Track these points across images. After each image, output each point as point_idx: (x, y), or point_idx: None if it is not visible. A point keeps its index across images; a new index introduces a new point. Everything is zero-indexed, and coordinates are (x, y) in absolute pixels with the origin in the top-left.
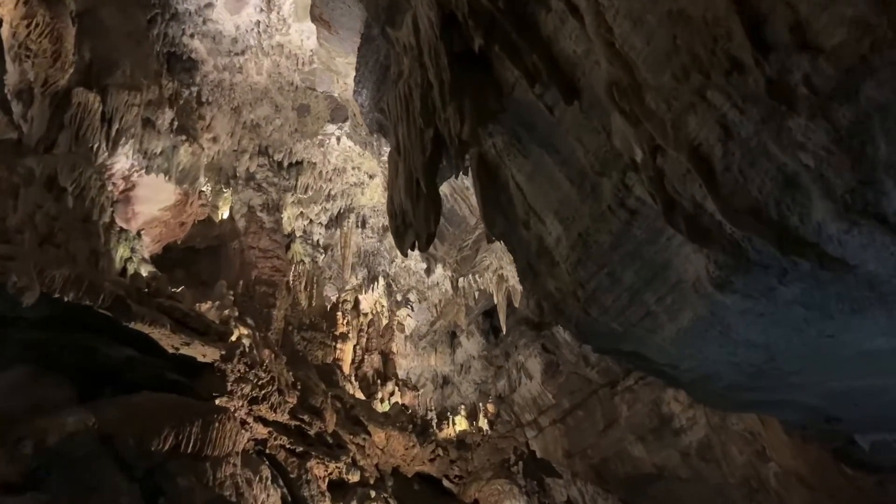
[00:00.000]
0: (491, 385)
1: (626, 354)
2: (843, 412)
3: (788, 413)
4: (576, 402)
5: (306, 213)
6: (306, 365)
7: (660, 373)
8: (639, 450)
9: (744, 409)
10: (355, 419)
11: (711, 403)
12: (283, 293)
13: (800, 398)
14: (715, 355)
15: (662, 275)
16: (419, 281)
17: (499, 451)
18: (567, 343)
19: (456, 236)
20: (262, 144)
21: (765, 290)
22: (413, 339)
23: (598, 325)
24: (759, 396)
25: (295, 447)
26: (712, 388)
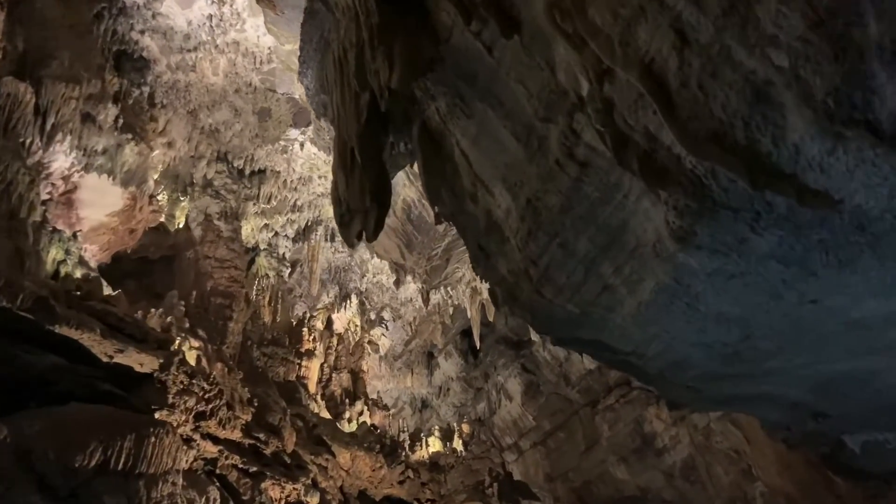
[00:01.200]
0: (470, 408)
1: (587, 344)
2: (830, 405)
3: (770, 411)
4: (557, 423)
5: (271, 225)
6: (265, 381)
7: (626, 364)
8: (621, 471)
9: (721, 407)
10: (318, 439)
11: (686, 400)
12: (242, 305)
13: (782, 391)
14: (683, 334)
15: (619, 240)
16: (393, 298)
17: (473, 472)
18: (547, 362)
19: (425, 244)
20: (220, 150)
21: (735, 243)
22: (388, 360)
23: (554, 308)
24: (737, 389)
25: (248, 467)
26: (683, 379)
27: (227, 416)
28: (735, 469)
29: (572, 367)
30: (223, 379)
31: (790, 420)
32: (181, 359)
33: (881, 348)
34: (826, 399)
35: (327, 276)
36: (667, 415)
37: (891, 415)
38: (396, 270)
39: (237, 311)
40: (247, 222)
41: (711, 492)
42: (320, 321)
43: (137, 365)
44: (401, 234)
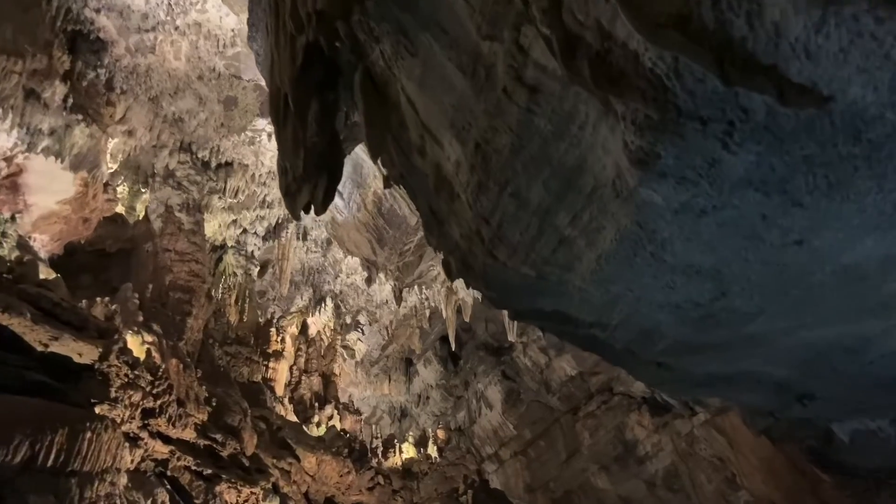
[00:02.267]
0: (451, 416)
1: (548, 317)
2: (816, 384)
3: (752, 394)
4: (537, 432)
5: (239, 221)
6: (227, 381)
7: (590, 340)
8: (603, 481)
9: (699, 391)
10: (282, 442)
11: (659, 382)
12: (203, 301)
13: (764, 368)
14: (649, 293)
15: (576, 183)
16: (368, 300)
17: (447, 479)
18: (528, 369)
19: (396, 239)
20: (184, 140)
21: (704, 167)
22: (364, 366)
23: (508, 273)
24: (714, 366)
25: (203, 469)
26: (653, 353)
27: (178, 413)
28: (719, 477)
29: (553, 373)
30: (178, 376)
31: (774, 404)
32: (121, 348)
33: (875, 307)
34: (812, 376)
35: (301, 277)
36: (649, 421)
37: (885, 394)
38: (368, 268)
39: (197, 307)
40: (213, 218)
41: (695, 501)
42: (294, 325)
43: (76, 355)
44: (371, 228)
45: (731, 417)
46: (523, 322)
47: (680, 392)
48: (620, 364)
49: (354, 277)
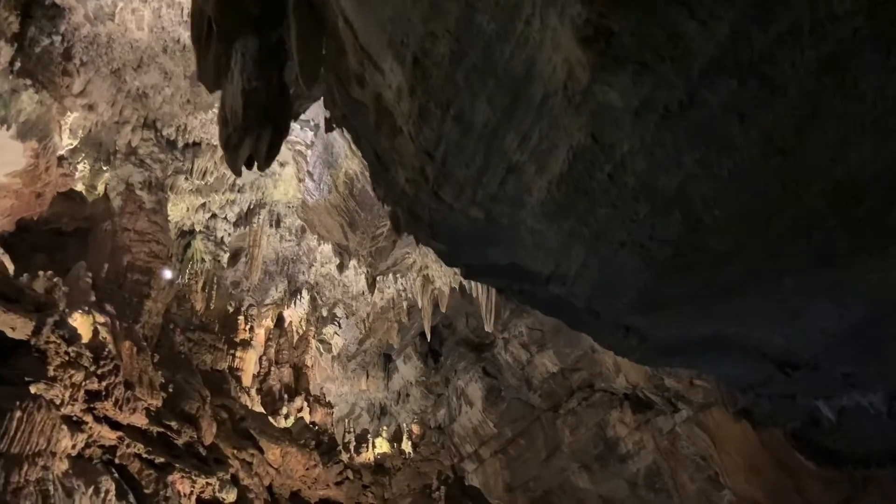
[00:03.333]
0: (431, 415)
1: (504, 273)
2: (802, 351)
3: (730, 364)
4: (518, 430)
5: (208, 205)
6: (188, 368)
7: (551, 301)
8: (583, 480)
9: (673, 361)
10: (244, 432)
11: (628, 350)
12: (163, 284)
13: (742, 329)
14: (608, 229)
15: (524, 94)
16: (345, 292)
17: (421, 475)
18: (509, 365)
19: (369, 222)
20: (148, 117)
21: (668, 46)
22: (341, 361)
23: (456, 217)
24: (688, 328)
25: (154, 457)
26: (617, 311)
27: (126, 396)
28: (701, 476)
29: (535, 370)
30: (131, 359)
31: (754, 376)
32: (57, 321)
33: (875, 241)
34: (797, 339)
35: (275, 267)
36: (631, 418)
37: (879, 361)
38: (340, 253)
39: (157, 290)
40: (180, 200)
41: (677, 501)
42: (269, 318)
43: (8, 329)
44: (343, 211)
45: (715, 414)
46: (478, 280)
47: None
48: (586, 329)
49: (329, 267)
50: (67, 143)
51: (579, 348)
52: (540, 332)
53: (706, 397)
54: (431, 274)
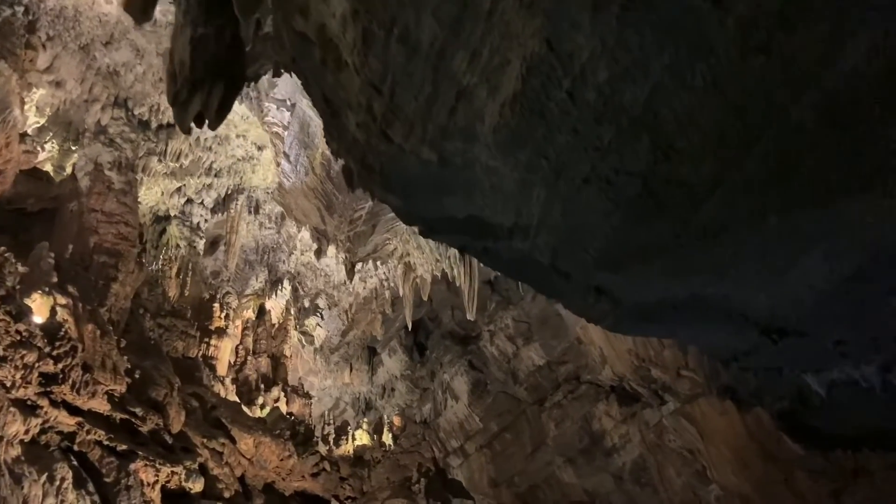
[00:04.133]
0: (416, 409)
1: (463, 229)
2: (790, 313)
3: (710, 332)
4: (504, 424)
5: (184, 190)
6: (157, 354)
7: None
8: (568, 474)
9: (650, 328)
10: (215, 421)
11: (600, 316)
12: (131, 267)
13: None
14: (570, 162)
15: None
16: (327, 282)
17: (401, 468)
18: (495, 358)
19: (346, 205)
20: (119, 95)
21: None
22: (324, 353)
23: (407, 160)
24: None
25: (116, 444)
26: (588, 270)
27: (85, 380)
28: (689, 470)
29: (521, 363)
30: (93, 342)
31: (737, 345)
32: (2, 296)
33: (878, 170)
34: (784, 299)
35: (255, 256)
36: (617, 411)
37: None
38: (318, 239)
39: (124, 273)
40: (154, 184)
41: (663, 496)
42: (251, 309)
43: None
44: (320, 194)
45: (702, 405)
46: (438, 238)
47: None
48: (556, 294)
49: (310, 255)
50: (34, 122)
51: (566, 340)
52: (526, 324)
53: (693, 389)
54: (413, 261)
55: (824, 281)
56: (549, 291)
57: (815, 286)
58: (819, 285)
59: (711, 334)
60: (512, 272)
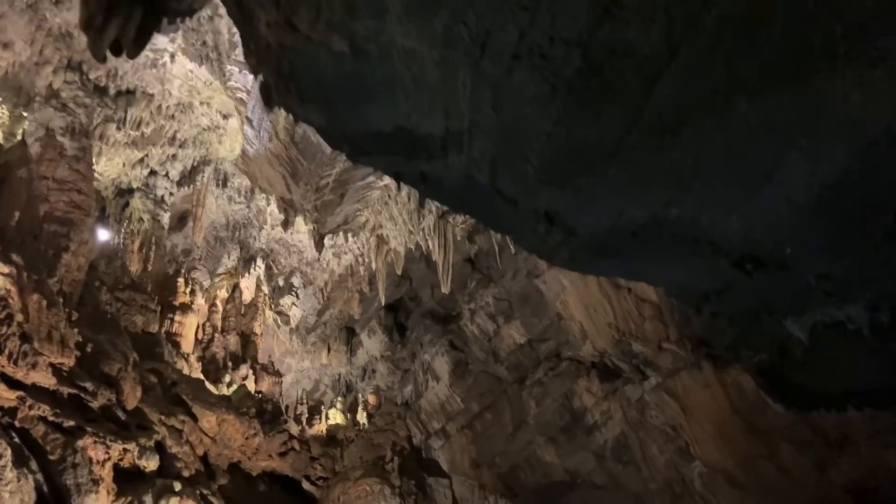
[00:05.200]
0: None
1: (393, 145)
2: (764, 234)
3: (678, 267)
4: (485, 404)
5: (147, 161)
6: (114, 329)
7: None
8: (549, 454)
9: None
10: (175, 398)
11: (554, 251)
12: (85, 237)
13: (688, 209)
14: (494, 30)
15: None
16: (301, 259)
17: (375, 447)
18: (476, 337)
19: (312, 172)
20: (73, 58)
21: None
22: (300, 333)
23: (317, 53)
24: (618, 212)
25: (62, 421)
26: (530, 185)
27: (23, 350)
28: (671, 447)
29: (502, 341)
30: (38, 313)
31: (709, 282)
32: None
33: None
34: (756, 216)
35: (226, 233)
36: (598, 387)
37: (858, 249)
38: (285, 209)
39: (77, 243)
40: (115, 154)
41: (646, 474)
42: (224, 289)
43: None
44: (285, 161)
45: (683, 379)
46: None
47: (584, 265)
48: (506, 226)
49: (280, 230)
50: None
51: (546, 317)
52: (507, 301)
53: (675, 363)
54: (386, 234)
55: (804, 192)
56: (499, 223)
57: (793, 199)
58: (798, 198)
59: (679, 270)
60: (456, 202)
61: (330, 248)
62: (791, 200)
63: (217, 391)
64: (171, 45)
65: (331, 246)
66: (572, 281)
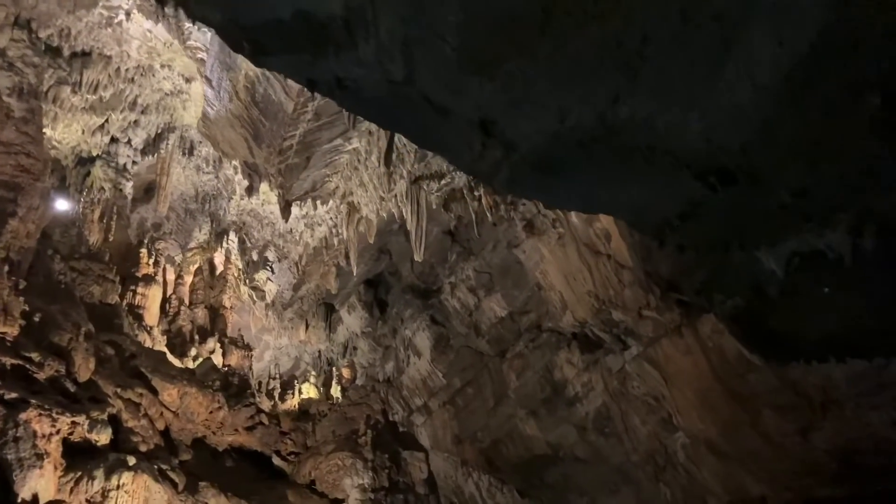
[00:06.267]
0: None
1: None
2: (729, 135)
3: (634, 186)
4: (467, 379)
5: (107, 127)
6: (68, 299)
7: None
8: (531, 427)
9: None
10: (134, 370)
11: (492, 171)
12: (35, 202)
13: (640, 106)
14: None
15: None
16: (273, 232)
17: (348, 420)
18: (457, 312)
19: (274, 133)
20: (20, 15)
21: None
22: (276, 309)
23: None
24: (561, 106)
25: (3, 393)
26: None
27: None
28: (654, 418)
29: (483, 315)
30: None
31: (669, 204)
32: None
33: None
34: (719, 113)
35: (196, 205)
36: (579, 358)
37: (837, 149)
38: (249, 175)
39: (25, 209)
40: (73, 120)
41: (628, 446)
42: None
43: None
44: (247, 122)
45: (665, 346)
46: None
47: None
48: (438, 143)
49: (251, 200)
50: None
51: (527, 289)
52: (488, 274)
53: (656, 330)
54: (356, 200)
55: (770, 69)
56: (431, 140)
57: (758, 82)
58: (763, 78)
59: (634, 191)
60: (382, 116)
61: (302, 218)
62: (756, 84)
63: (182, 365)
64: (126, 2)
65: (303, 216)
66: (551, 249)
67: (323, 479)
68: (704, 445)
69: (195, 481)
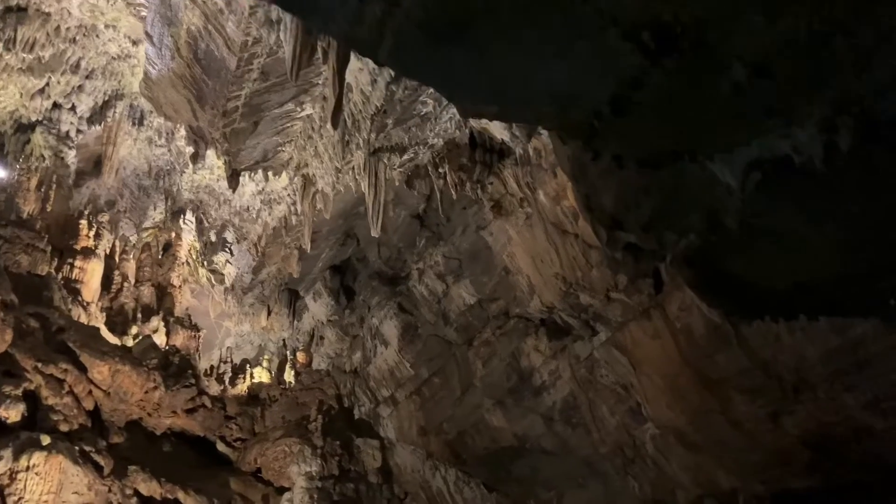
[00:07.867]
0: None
1: None
2: None
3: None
4: (434, 369)
5: (48, 91)
6: None
7: None
8: (497, 418)
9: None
10: (60, 345)
11: (374, 40)
12: None
13: None
14: None
15: None
16: (230, 210)
17: (300, 406)
18: (425, 299)
19: (217, 93)
20: None
21: None
22: (236, 293)
23: None
24: None
25: None
26: None
27: None
28: (622, 408)
29: (451, 302)
30: None
31: (597, 86)
32: None
33: None
34: None
35: (149, 181)
36: (546, 345)
37: None
38: (194, 140)
39: None
40: (9, 81)
41: (596, 437)
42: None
43: None
44: (189, 81)
45: (632, 330)
46: None
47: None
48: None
49: (203, 173)
50: None
51: (496, 275)
52: (457, 260)
53: (625, 314)
54: (311, 172)
55: None
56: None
57: None
58: None
59: (553, 67)
60: None
61: (258, 195)
62: None
63: (121, 342)
64: None
65: (258, 192)
66: (519, 231)
67: (269, 467)
68: (674, 436)
69: (125, 465)
